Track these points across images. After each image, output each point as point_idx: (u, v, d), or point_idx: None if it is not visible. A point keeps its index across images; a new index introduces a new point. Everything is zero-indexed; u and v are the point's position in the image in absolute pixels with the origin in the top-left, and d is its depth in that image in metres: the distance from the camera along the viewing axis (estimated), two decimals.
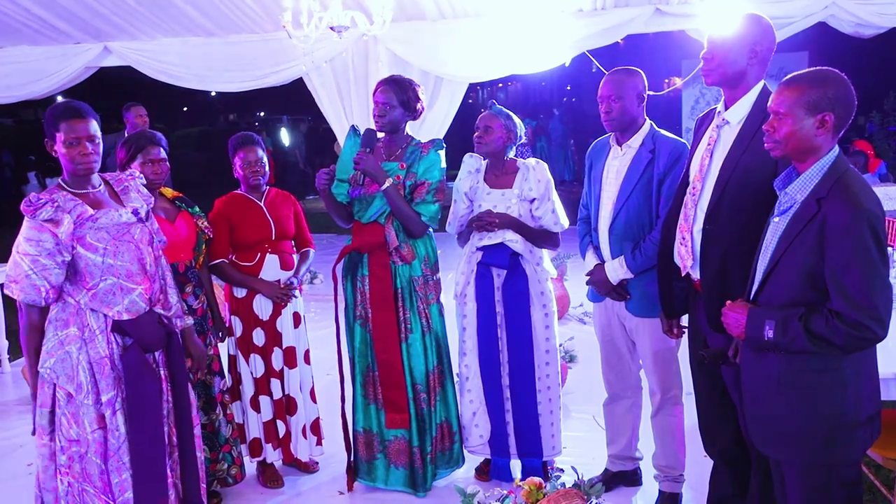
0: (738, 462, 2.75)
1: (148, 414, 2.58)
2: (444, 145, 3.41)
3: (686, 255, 2.63)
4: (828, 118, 2.03)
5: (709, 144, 2.60)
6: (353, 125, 3.52)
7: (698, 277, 2.60)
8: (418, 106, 3.37)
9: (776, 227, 2.15)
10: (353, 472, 3.50)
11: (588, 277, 3.18)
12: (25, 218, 2.45)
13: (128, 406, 2.55)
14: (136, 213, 2.63)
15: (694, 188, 2.62)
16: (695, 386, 2.83)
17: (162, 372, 2.67)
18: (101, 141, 2.54)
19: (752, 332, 2.12)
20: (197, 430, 2.84)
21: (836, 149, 2.08)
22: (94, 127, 2.52)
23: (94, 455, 2.53)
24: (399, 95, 3.29)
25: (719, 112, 2.60)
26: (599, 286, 3.13)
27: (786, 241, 2.08)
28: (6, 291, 2.49)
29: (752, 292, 2.20)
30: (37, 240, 2.41)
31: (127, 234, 2.57)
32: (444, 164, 3.37)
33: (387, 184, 3.24)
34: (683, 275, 2.69)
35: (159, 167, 3.22)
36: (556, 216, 3.34)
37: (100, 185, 2.61)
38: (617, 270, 3.04)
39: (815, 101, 2.03)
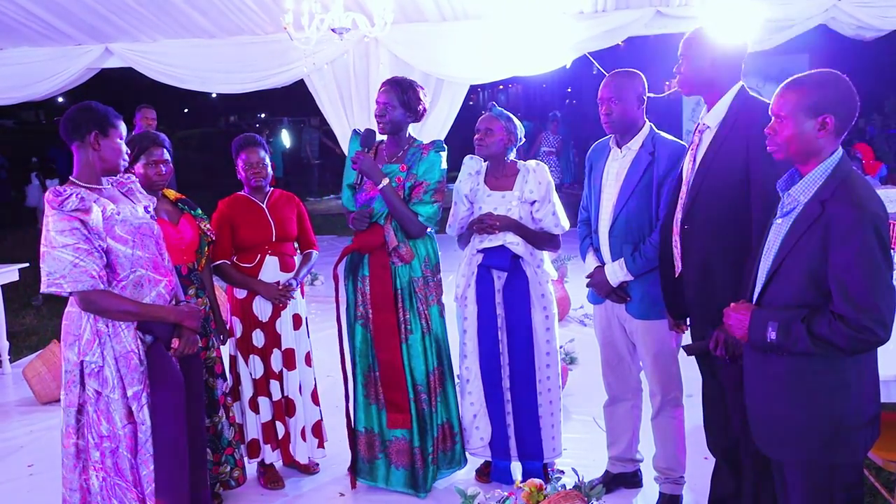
0: (740, 462, 2.76)
1: (172, 409, 2.62)
2: (446, 147, 3.41)
3: (678, 255, 2.69)
4: (829, 120, 2.03)
5: (692, 150, 2.69)
6: (354, 129, 3.52)
7: None
8: (419, 107, 3.37)
9: (779, 228, 2.15)
10: (355, 470, 3.50)
11: (588, 280, 3.18)
12: (51, 213, 2.47)
13: (152, 401, 2.58)
14: (147, 210, 2.73)
15: (683, 193, 2.70)
16: (703, 384, 2.85)
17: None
18: None
19: (755, 333, 2.12)
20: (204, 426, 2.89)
21: (840, 150, 2.08)
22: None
23: (125, 450, 2.57)
24: (400, 96, 3.30)
25: (702, 117, 2.70)
26: (599, 288, 3.13)
27: (789, 242, 2.08)
28: (47, 290, 2.48)
29: (756, 294, 2.20)
30: (70, 229, 2.45)
31: (147, 228, 2.66)
32: (444, 166, 3.37)
33: (383, 183, 3.25)
34: (678, 275, 2.72)
35: (162, 168, 3.22)
36: (557, 218, 3.34)
37: (108, 185, 2.69)
38: (617, 273, 3.04)
39: (816, 103, 2.03)
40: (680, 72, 2.68)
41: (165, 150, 3.24)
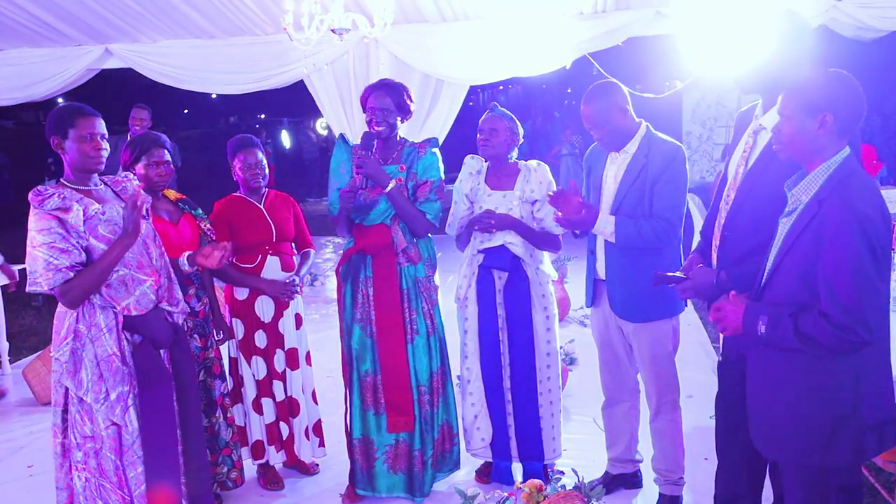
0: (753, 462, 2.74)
1: (160, 410, 2.62)
2: (439, 143, 3.40)
3: (715, 260, 2.60)
4: (828, 119, 2.02)
5: (744, 151, 2.51)
6: (341, 134, 3.49)
7: None
8: (412, 107, 3.37)
9: (782, 227, 2.15)
10: (354, 482, 3.44)
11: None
12: (33, 213, 2.50)
13: (140, 402, 2.59)
14: None
15: (728, 196, 2.54)
16: (719, 384, 2.78)
17: (168, 369, 2.70)
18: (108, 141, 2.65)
19: (748, 326, 2.13)
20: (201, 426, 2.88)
21: (846, 150, 2.07)
22: (104, 126, 2.64)
23: (108, 451, 2.57)
24: (395, 99, 3.28)
25: (756, 116, 2.50)
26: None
27: (788, 242, 2.08)
28: (30, 290, 2.50)
29: (759, 292, 2.21)
30: (48, 228, 2.47)
31: None
32: (441, 163, 3.37)
33: (391, 185, 3.23)
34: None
35: (163, 169, 3.22)
36: None
37: (100, 185, 2.69)
38: (606, 225, 2.98)
39: (816, 101, 2.03)
40: (744, 75, 2.45)
41: (166, 151, 3.25)
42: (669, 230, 2.93)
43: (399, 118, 3.33)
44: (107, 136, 2.64)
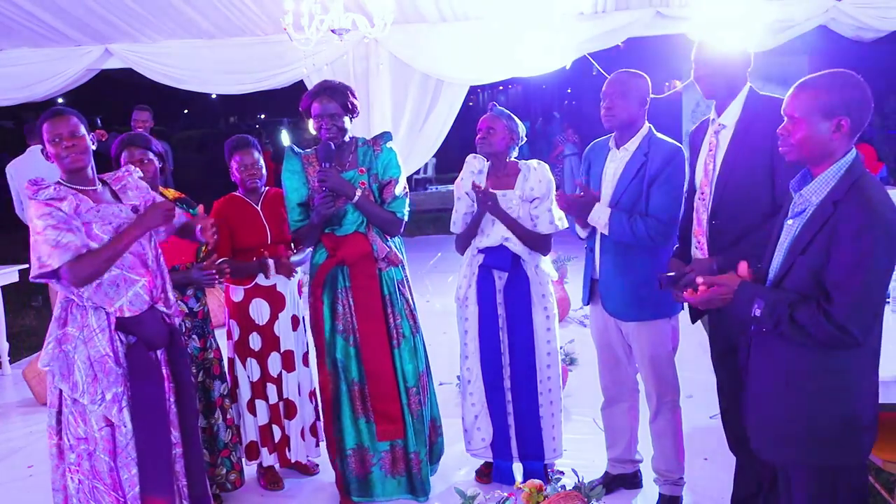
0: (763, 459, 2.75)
1: (153, 411, 2.61)
2: (392, 136, 3.39)
3: (704, 254, 2.75)
4: (844, 122, 2.00)
5: (710, 150, 2.77)
6: (290, 146, 3.42)
7: None
8: (358, 106, 3.31)
9: (790, 229, 2.13)
10: (346, 492, 3.40)
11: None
12: (31, 202, 2.49)
13: (133, 403, 2.57)
14: (135, 209, 2.68)
15: (703, 193, 2.77)
16: (718, 382, 2.90)
17: (164, 370, 2.69)
18: (87, 139, 2.57)
19: (740, 304, 2.13)
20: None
21: (854, 151, 2.06)
22: (75, 124, 2.55)
23: (102, 452, 2.56)
24: (340, 101, 3.20)
25: (714, 119, 2.79)
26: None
27: (801, 243, 2.06)
28: (38, 272, 2.46)
29: None
30: (47, 213, 2.46)
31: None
32: (399, 157, 3.35)
33: (357, 196, 3.19)
34: None
35: (144, 168, 3.16)
36: (552, 215, 3.33)
37: (99, 186, 2.65)
38: (601, 215, 3.02)
39: (831, 105, 2.00)
40: (701, 76, 2.76)
41: (146, 150, 3.20)
42: (662, 230, 2.95)
43: (349, 120, 3.26)
44: (80, 134, 2.54)
